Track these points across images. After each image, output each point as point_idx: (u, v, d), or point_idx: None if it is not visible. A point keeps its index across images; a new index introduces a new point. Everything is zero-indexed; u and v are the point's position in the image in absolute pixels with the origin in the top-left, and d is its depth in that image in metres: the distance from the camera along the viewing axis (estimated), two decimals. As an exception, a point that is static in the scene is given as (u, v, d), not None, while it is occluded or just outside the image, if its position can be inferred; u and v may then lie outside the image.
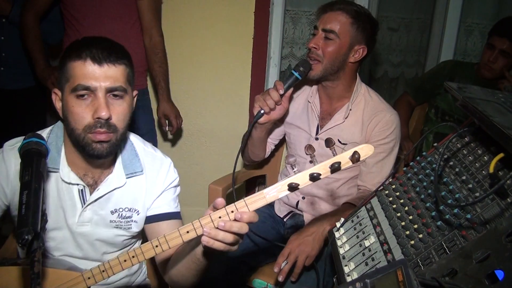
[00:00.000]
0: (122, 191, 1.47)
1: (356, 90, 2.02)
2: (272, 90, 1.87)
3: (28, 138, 1.15)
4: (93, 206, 1.45)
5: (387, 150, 1.97)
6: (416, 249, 1.09)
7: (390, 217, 1.25)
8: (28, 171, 1.06)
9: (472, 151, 1.23)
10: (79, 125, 1.31)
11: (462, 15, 3.22)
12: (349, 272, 1.21)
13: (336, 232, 1.40)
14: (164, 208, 1.53)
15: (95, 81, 1.29)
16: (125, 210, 1.49)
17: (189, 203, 3.12)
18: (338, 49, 1.91)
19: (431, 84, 2.79)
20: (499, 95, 1.29)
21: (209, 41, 2.91)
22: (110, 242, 1.52)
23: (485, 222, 0.99)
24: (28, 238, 0.93)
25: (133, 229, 1.52)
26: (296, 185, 1.08)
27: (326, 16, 1.93)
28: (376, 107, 2.00)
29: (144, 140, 1.60)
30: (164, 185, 1.54)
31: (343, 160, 1.06)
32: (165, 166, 1.56)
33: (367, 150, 1.07)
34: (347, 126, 2.01)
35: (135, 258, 1.20)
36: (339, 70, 1.96)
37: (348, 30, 1.90)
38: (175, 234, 1.16)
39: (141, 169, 1.50)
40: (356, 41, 1.93)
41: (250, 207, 1.12)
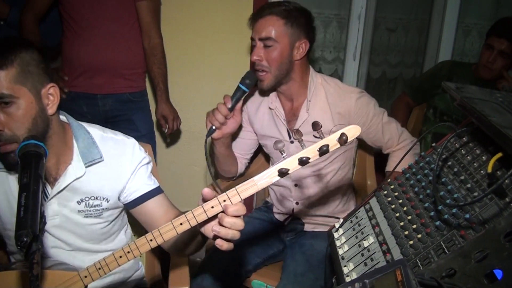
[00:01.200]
0: (85, 180, 1.45)
1: (312, 81, 2.00)
2: (220, 105, 1.89)
3: (26, 140, 1.15)
4: (58, 199, 1.45)
5: (379, 121, 2.02)
6: (415, 249, 1.09)
7: (389, 217, 1.25)
8: (27, 173, 1.06)
9: (470, 151, 1.23)
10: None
11: (460, 16, 3.23)
12: (348, 273, 1.21)
13: (335, 232, 1.40)
14: (143, 189, 1.52)
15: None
16: (91, 199, 1.48)
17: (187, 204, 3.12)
18: (281, 53, 1.89)
19: (429, 84, 2.80)
20: (497, 95, 1.29)
21: (208, 42, 2.91)
22: (88, 230, 1.52)
23: (483, 222, 1.00)
24: (27, 240, 0.93)
25: (104, 215, 1.52)
26: (286, 170, 1.08)
27: (258, 25, 1.91)
28: (338, 92, 1.99)
29: (104, 127, 1.56)
30: (132, 166, 1.51)
31: (331, 143, 1.05)
32: (129, 147, 1.53)
33: (354, 131, 1.06)
34: (316, 117, 1.96)
35: (130, 253, 1.20)
36: (288, 72, 1.94)
37: (284, 31, 1.88)
38: (169, 226, 1.16)
39: (100, 156, 1.46)
40: (295, 38, 1.90)
41: (242, 195, 1.12)
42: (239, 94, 1.90)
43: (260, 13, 1.92)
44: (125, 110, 2.55)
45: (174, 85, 2.84)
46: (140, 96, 2.63)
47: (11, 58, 1.27)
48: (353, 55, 3.17)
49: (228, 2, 2.85)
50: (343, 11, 3.13)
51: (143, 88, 2.65)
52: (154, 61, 2.54)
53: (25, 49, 1.31)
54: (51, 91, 1.36)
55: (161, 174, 1.91)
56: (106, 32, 2.42)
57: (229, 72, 2.94)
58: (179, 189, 3.11)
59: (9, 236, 1.51)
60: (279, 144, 1.12)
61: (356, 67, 3.20)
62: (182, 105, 2.90)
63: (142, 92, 2.64)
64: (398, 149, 2.05)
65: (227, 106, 1.88)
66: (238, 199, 1.12)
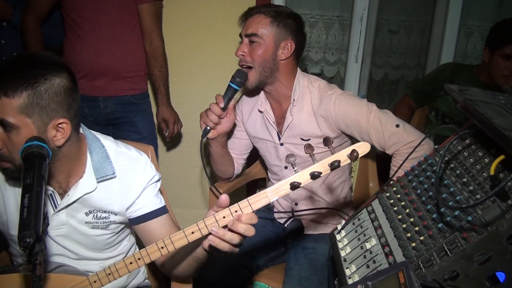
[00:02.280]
0: (95, 194, 1.45)
1: (298, 84, 2.00)
2: (213, 105, 1.91)
3: (29, 141, 1.15)
4: (66, 210, 1.44)
5: (363, 121, 1.92)
6: (418, 251, 1.09)
7: (391, 219, 1.25)
8: (30, 174, 1.06)
9: (472, 153, 1.23)
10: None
11: (462, 17, 3.23)
12: (351, 275, 1.21)
13: (337, 234, 1.40)
14: (149, 207, 1.52)
15: None
16: (99, 212, 1.48)
17: (190, 206, 3.14)
18: (265, 50, 1.92)
19: (431, 86, 2.79)
20: (499, 97, 1.29)
21: (210, 43, 2.91)
22: (94, 241, 1.52)
23: (486, 224, 0.99)
24: (30, 241, 0.93)
25: (111, 227, 1.52)
26: (298, 183, 1.10)
27: (246, 23, 1.96)
28: (320, 94, 1.98)
29: (116, 140, 1.56)
30: (142, 184, 1.50)
31: (342, 158, 1.09)
32: (141, 165, 1.52)
33: (364, 147, 1.10)
34: (302, 122, 1.99)
35: (140, 260, 1.22)
36: (273, 71, 1.95)
37: (270, 29, 1.91)
38: (180, 235, 1.17)
39: (113, 172, 1.46)
40: (281, 38, 1.92)
41: (253, 207, 1.13)
42: (230, 93, 1.93)
43: (250, 12, 1.98)
44: (127, 112, 2.56)
45: (176, 87, 2.85)
46: (142, 98, 2.63)
47: (22, 87, 1.22)
48: (355, 57, 3.17)
49: (230, 5, 2.85)
50: (345, 13, 3.14)
51: (144, 90, 2.66)
52: (155, 64, 2.55)
53: (50, 76, 1.26)
54: (62, 126, 1.31)
55: (163, 175, 1.91)
56: (108, 35, 2.43)
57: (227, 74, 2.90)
58: (180, 190, 3.11)
59: (15, 240, 1.51)
60: (291, 158, 1.15)
61: (358, 69, 3.20)
62: (184, 107, 2.91)
63: (144, 94, 2.65)
64: (394, 153, 1.95)
65: (220, 106, 1.90)
66: (250, 210, 1.14)
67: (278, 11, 1.94)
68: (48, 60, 1.29)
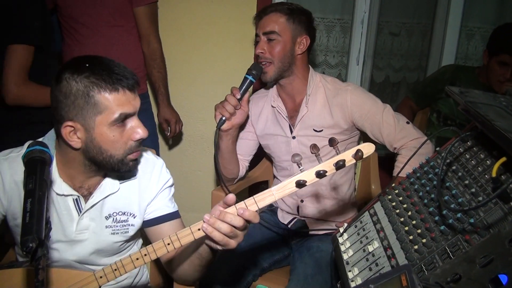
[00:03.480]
0: (115, 196, 1.48)
1: (311, 79, 2.10)
2: (229, 96, 1.97)
3: (32, 146, 1.16)
4: (89, 213, 1.46)
5: (376, 113, 2.04)
6: (420, 254, 1.09)
7: (393, 222, 1.25)
8: (32, 179, 1.06)
9: (474, 155, 1.23)
10: (119, 151, 1.34)
11: (463, 19, 3.22)
12: (353, 278, 1.21)
13: (339, 237, 1.40)
14: (162, 210, 1.54)
15: (133, 107, 1.35)
16: (119, 214, 1.49)
17: (192, 209, 3.13)
18: (284, 46, 2.02)
19: (432, 88, 2.79)
20: (500, 99, 1.29)
21: (211, 44, 2.91)
22: (108, 249, 1.53)
23: (488, 227, 0.99)
24: (33, 245, 0.94)
25: (130, 233, 1.53)
26: (303, 182, 1.12)
27: (262, 21, 2.04)
28: (335, 87, 2.09)
29: None
30: (158, 186, 1.54)
31: (347, 158, 1.12)
32: (158, 167, 1.56)
33: (369, 148, 1.12)
34: (316, 113, 2.09)
35: (147, 256, 1.24)
36: (290, 65, 2.05)
37: (287, 26, 2.01)
38: (187, 231, 1.20)
39: (135, 174, 1.50)
40: (297, 34, 2.03)
41: (259, 204, 1.16)
42: (246, 84, 1.99)
43: (264, 11, 2.06)
44: None
45: (177, 90, 2.85)
46: (142, 98, 2.64)
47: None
48: (357, 60, 3.17)
49: (231, 6, 2.86)
50: (347, 16, 3.14)
51: (145, 91, 2.67)
52: (154, 65, 2.56)
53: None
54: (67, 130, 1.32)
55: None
56: (106, 40, 2.44)
57: (233, 74, 2.94)
58: (182, 194, 3.11)
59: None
60: (296, 157, 1.18)
61: (360, 72, 3.20)
62: (185, 110, 2.91)
63: (144, 95, 2.66)
64: (401, 147, 2.02)
65: (236, 97, 1.96)
66: (256, 208, 1.16)
67: (291, 8, 2.04)
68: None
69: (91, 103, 1.27)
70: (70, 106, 1.28)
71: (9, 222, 1.47)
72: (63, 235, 1.45)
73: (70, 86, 1.27)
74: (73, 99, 1.27)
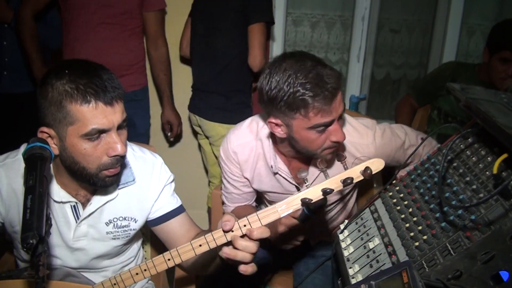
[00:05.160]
0: (114, 202, 1.45)
1: None
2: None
3: (32, 142, 1.15)
4: (87, 221, 1.43)
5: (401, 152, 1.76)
6: (421, 250, 1.08)
7: (394, 218, 1.25)
8: (32, 176, 1.06)
9: (475, 152, 1.23)
10: (92, 165, 1.26)
11: (464, 16, 3.22)
12: (354, 274, 1.21)
13: (340, 234, 1.40)
14: (167, 207, 1.52)
15: (109, 122, 1.23)
16: (119, 220, 1.47)
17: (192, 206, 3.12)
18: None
19: (433, 86, 2.79)
20: (502, 96, 1.29)
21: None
22: (109, 253, 1.52)
23: (489, 223, 0.99)
24: (33, 242, 0.93)
25: (131, 236, 1.53)
26: (309, 200, 1.09)
27: (335, 102, 1.47)
28: (354, 143, 1.70)
29: (129, 142, 1.52)
30: (159, 186, 1.51)
31: (355, 175, 1.08)
32: (157, 167, 1.52)
33: (378, 164, 1.09)
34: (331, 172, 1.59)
35: (147, 271, 1.22)
36: None
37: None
38: (188, 247, 1.17)
39: (133, 178, 1.46)
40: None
41: (263, 221, 1.12)
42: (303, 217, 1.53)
43: (336, 89, 1.47)
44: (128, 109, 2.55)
45: (179, 88, 2.86)
46: (143, 94, 2.67)
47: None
48: (357, 57, 3.17)
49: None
50: (347, 13, 3.14)
51: (145, 84, 2.68)
52: (161, 68, 2.62)
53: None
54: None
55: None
56: (105, 37, 2.45)
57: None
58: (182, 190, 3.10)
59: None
60: (302, 173, 1.12)
61: (360, 69, 3.20)
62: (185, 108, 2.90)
63: (144, 89, 2.68)
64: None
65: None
66: (259, 225, 1.13)
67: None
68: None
69: (63, 113, 1.21)
70: (45, 111, 1.24)
71: (7, 229, 1.46)
72: (62, 241, 1.44)
73: (47, 91, 1.21)
74: (48, 105, 1.22)
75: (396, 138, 1.75)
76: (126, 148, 1.30)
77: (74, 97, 1.19)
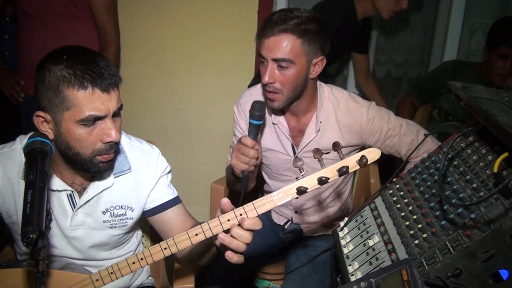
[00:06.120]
0: (111, 190, 1.45)
1: (320, 98, 1.85)
2: (247, 150, 1.63)
3: (32, 137, 1.15)
4: (84, 209, 1.44)
5: (394, 134, 1.86)
6: (421, 248, 1.08)
7: (394, 216, 1.25)
8: (33, 170, 1.06)
9: (476, 150, 1.23)
10: (87, 150, 1.27)
11: (466, 15, 3.21)
12: (353, 272, 1.21)
13: (340, 231, 1.40)
14: (163, 198, 1.52)
15: (105, 109, 1.23)
16: (116, 208, 1.47)
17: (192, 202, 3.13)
18: (298, 74, 1.69)
19: (434, 84, 2.79)
20: (503, 95, 1.29)
21: (213, 41, 2.91)
22: (107, 243, 1.52)
23: (489, 222, 0.99)
24: (33, 236, 0.94)
25: (128, 226, 1.52)
26: (304, 188, 1.09)
27: (270, 43, 1.66)
28: (348, 109, 1.84)
29: (128, 134, 1.55)
30: (156, 176, 1.51)
31: (351, 164, 1.08)
32: (154, 157, 1.52)
33: (374, 153, 1.08)
34: (325, 136, 1.85)
35: (143, 260, 1.21)
36: (302, 91, 1.77)
37: (301, 50, 1.66)
38: (184, 236, 1.17)
39: (129, 167, 1.47)
40: (312, 57, 1.70)
41: (259, 210, 1.12)
42: (254, 129, 1.66)
43: (271, 28, 1.66)
44: None
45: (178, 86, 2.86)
46: None
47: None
48: (358, 54, 3.15)
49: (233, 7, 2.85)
50: (348, 11, 3.12)
51: None
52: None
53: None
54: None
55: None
56: (57, 32, 2.35)
57: (235, 70, 2.95)
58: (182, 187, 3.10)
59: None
60: (298, 162, 1.12)
61: (361, 66, 3.19)
62: (186, 105, 2.91)
63: None
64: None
65: (254, 149, 1.64)
66: (255, 214, 1.13)
67: (303, 23, 1.65)
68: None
69: (60, 97, 1.21)
70: (42, 95, 1.24)
71: (5, 220, 1.46)
72: (59, 230, 1.44)
73: (45, 76, 1.22)
74: (45, 89, 1.22)
75: (390, 119, 1.86)
76: (120, 135, 1.31)
77: (71, 83, 1.20)
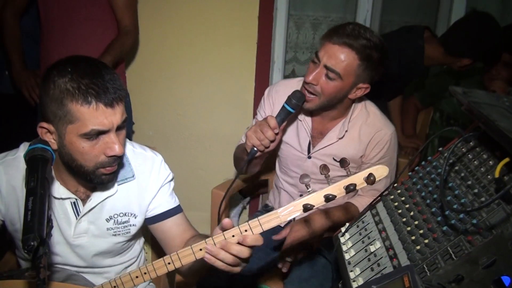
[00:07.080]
0: (114, 198, 1.45)
1: (352, 110, 1.90)
2: (267, 129, 1.68)
3: (33, 144, 1.16)
4: (87, 217, 1.44)
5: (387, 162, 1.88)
6: (422, 254, 1.08)
7: (395, 222, 1.25)
8: (34, 177, 1.06)
9: (477, 155, 1.22)
10: (90, 163, 1.27)
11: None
12: (355, 278, 1.20)
13: (341, 237, 1.40)
14: (164, 206, 1.53)
15: (109, 123, 1.23)
16: (119, 216, 1.48)
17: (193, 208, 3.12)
18: (339, 89, 1.75)
19: (436, 88, 2.79)
20: (504, 100, 1.29)
21: (213, 45, 2.91)
22: (110, 250, 1.52)
23: (491, 228, 0.99)
24: (34, 244, 0.94)
25: (131, 233, 1.52)
26: (311, 206, 1.09)
27: (332, 49, 1.70)
28: (375, 124, 1.89)
29: (131, 141, 1.55)
30: (158, 183, 1.51)
31: (358, 181, 1.08)
32: (157, 164, 1.52)
33: (382, 171, 1.09)
34: (342, 144, 1.91)
35: (147, 274, 1.22)
36: (336, 104, 1.83)
37: (354, 71, 1.71)
38: (188, 251, 1.17)
39: (132, 175, 1.47)
40: (360, 81, 1.76)
41: (264, 227, 1.13)
42: (284, 114, 1.73)
43: (339, 35, 1.70)
44: None
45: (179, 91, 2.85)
46: None
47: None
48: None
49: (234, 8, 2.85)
50: (349, 15, 3.13)
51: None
52: (118, 39, 2.36)
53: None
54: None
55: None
56: (78, 34, 2.35)
57: (235, 75, 2.94)
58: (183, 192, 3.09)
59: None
60: (305, 178, 1.13)
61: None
62: (187, 110, 2.91)
63: None
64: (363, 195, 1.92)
65: (274, 131, 1.68)
66: (260, 230, 1.14)
67: (369, 47, 1.69)
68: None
69: (63, 111, 1.21)
70: (46, 106, 1.23)
71: (8, 228, 1.46)
72: (63, 238, 1.44)
73: (49, 87, 1.21)
74: (49, 101, 1.22)
75: (394, 157, 1.94)
76: (124, 149, 1.32)
77: (75, 97, 1.19)
